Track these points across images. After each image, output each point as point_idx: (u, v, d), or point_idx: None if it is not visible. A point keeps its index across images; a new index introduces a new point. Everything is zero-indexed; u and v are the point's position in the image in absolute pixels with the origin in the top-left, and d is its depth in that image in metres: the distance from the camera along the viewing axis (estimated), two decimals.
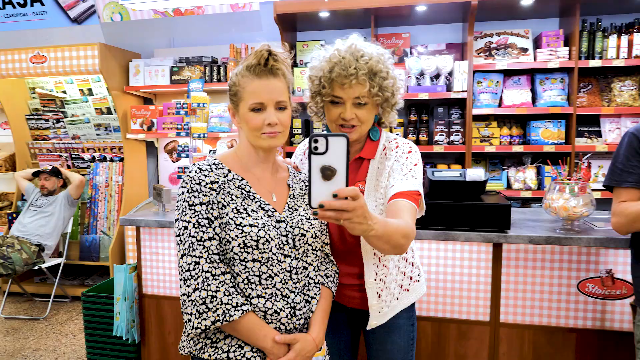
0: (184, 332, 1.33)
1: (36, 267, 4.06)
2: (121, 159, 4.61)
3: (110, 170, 4.61)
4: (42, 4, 4.26)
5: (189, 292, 1.28)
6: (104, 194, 4.61)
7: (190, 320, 1.28)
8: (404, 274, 1.65)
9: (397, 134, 1.70)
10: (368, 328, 1.63)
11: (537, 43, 3.83)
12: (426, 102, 4.02)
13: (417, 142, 3.84)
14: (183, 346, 1.37)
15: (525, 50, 3.80)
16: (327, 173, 1.07)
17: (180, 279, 1.31)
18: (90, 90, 4.75)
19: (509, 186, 3.80)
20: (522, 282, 2.26)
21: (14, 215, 4.42)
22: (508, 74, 3.80)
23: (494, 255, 2.26)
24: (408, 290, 1.66)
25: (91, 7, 4.18)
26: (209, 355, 1.33)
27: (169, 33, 4.43)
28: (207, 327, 1.26)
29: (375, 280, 1.59)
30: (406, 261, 1.65)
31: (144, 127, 4.40)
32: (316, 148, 1.07)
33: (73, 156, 4.74)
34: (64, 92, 4.83)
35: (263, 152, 1.41)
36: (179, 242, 1.33)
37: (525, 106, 3.68)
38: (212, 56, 4.37)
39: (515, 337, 2.29)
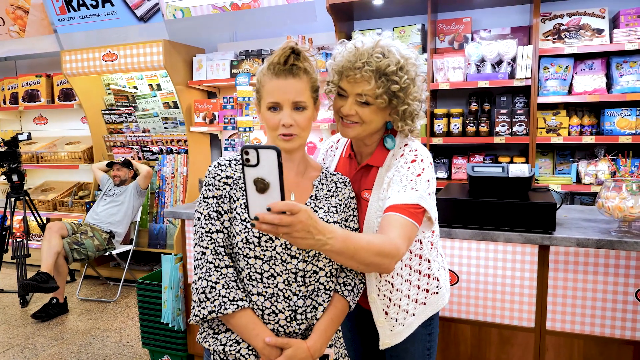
0: None
1: (107, 254, 4.34)
2: (186, 151, 4.79)
3: (175, 162, 4.82)
4: (112, 4, 4.50)
5: (195, 280, 1.33)
6: (170, 184, 4.83)
7: (193, 307, 1.32)
8: (419, 287, 1.54)
9: (414, 140, 1.55)
10: (381, 348, 1.55)
11: (614, 23, 3.48)
12: (488, 90, 3.79)
13: (477, 133, 3.64)
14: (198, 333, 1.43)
15: (600, 31, 3.46)
16: (260, 186, 1.02)
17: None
18: (158, 85, 4.98)
19: (578, 180, 3.50)
20: (571, 288, 2.07)
21: (91, 204, 4.74)
22: (579, 58, 3.49)
23: (539, 258, 2.09)
24: (425, 304, 1.56)
25: (155, 5, 4.35)
26: (209, 345, 1.36)
27: (230, 27, 4.51)
28: (205, 316, 1.29)
29: (378, 296, 1.52)
30: (420, 273, 1.54)
31: (206, 120, 4.53)
32: (247, 160, 1.02)
33: (143, 148, 5.00)
34: (135, 87, 5.09)
35: (286, 150, 1.38)
36: (194, 232, 1.38)
37: (599, 93, 3.36)
38: (271, 49, 4.40)
39: (563, 346, 2.10)
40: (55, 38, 5.10)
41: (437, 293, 1.57)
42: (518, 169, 2.05)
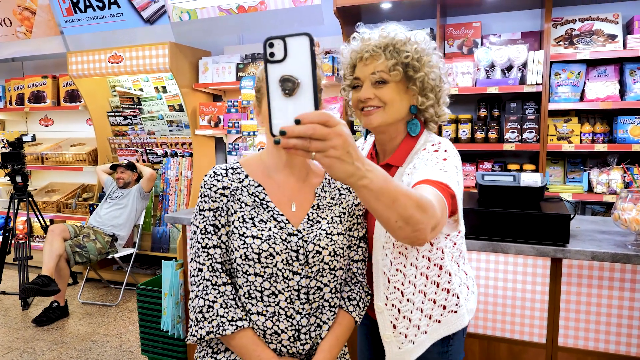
0: None
1: (109, 257, 4.30)
2: (191, 155, 4.75)
3: (180, 165, 4.77)
4: (119, 6, 4.47)
5: (192, 298, 1.26)
6: (174, 188, 4.78)
7: (190, 326, 1.25)
8: (434, 302, 1.38)
9: (448, 132, 1.49)
10: None
11: (628, 29, 3.40)
12: (497, 96, 3.72)
13: (486, 139, 3.57)
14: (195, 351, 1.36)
15: (613, 37, 3.39)
16: (288, 85, 0.82)
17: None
18: (164, 87, 4.94)
19: (590, 189, 3.42)
20: (585, 303, 2.00)
21: (95, 206, 4.70)
22: (592, 64, 3.41)
23: (552, 271, 2.02)
24: (439, 322, 1.39)
25: (162, 8, 4.32)
26: None
27: (237, 30, 4.46)
28: (202, 336, 1.22)
29: (386, 305, 1.37)
30: (438, 286, 1.37)
31: (212, 123, 4.49)
32: (272, 54, 0.83)
33: (148, 151, 4.96)
34: (140, 90, 5.05)
35: (287, 155, 1.28)
36: (190, 247, 1.32)
37: (612, 100, 3.28)
38: None
39: None
40: (61, 39, 5.09)
41: (455, 312, 1.39)
42: (530, 178, 1.98)
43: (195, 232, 1.27)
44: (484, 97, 3.73)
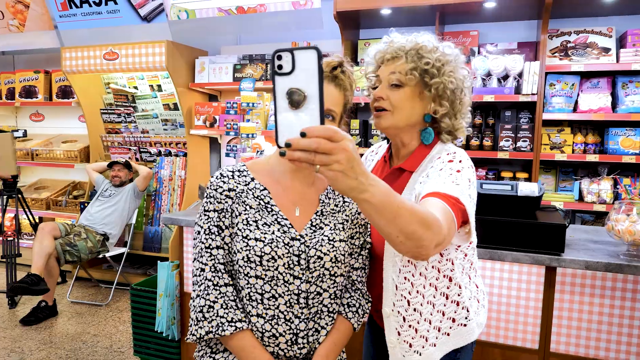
0: None
1: (100, 256, 4.27)
2: (185, 154, 4.74)
3: (174, 165, 4.76)
4: (116, 3, 4.44)
5: (193, 297, 1.28)
6: (167, 187, 4.77)
7: (191, 325, 1.27)
8: (443, 314, 1.36)
9: (460, 141, 1.50)
10: None
11: (621, 42, 3.47)
12: (493, 104, 3.77)
13: (481, 147, 3.61)
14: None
15: (607, 50, 3.45)
16: (295, 98, 0.83)
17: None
18: (159, 86, 4.92)
19: (580, 198, 3.47)
20: (577, 310, 2.03)
21: (85, 205, 4.67)
22: (586, 76, 3.47)
23: (546, 279, 2.05)
24: (448, 335, 1.36)
25: (160, 5, 4.30)
26: None
27: (235, 31, 4.47)
28: (202, 336, 1.24)
29: (392, 311, 1.36)
30: (447, 298, 1.35)
31: (207, 123, 4.48)
32: (280, 67, 0.84)
33: (141, 150, 4.93)
34: (135, 87, 5.03)
35: None
36: (193, 246, 1.32)
37: (604, 112, 3.34)
38: None
39: None
40: (55, 34, 5.04)
41: (464, 325, 1.37)
42: (527, 187, 2.01)
43: (199, 232, 1.29)
44: (480, 105, 3.78)
